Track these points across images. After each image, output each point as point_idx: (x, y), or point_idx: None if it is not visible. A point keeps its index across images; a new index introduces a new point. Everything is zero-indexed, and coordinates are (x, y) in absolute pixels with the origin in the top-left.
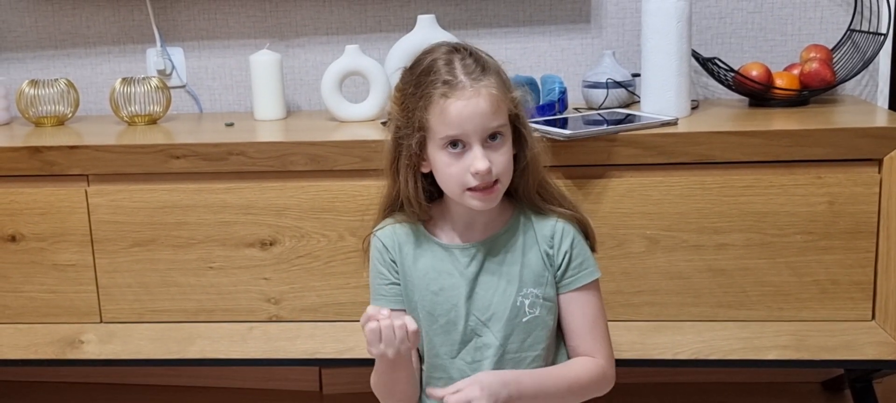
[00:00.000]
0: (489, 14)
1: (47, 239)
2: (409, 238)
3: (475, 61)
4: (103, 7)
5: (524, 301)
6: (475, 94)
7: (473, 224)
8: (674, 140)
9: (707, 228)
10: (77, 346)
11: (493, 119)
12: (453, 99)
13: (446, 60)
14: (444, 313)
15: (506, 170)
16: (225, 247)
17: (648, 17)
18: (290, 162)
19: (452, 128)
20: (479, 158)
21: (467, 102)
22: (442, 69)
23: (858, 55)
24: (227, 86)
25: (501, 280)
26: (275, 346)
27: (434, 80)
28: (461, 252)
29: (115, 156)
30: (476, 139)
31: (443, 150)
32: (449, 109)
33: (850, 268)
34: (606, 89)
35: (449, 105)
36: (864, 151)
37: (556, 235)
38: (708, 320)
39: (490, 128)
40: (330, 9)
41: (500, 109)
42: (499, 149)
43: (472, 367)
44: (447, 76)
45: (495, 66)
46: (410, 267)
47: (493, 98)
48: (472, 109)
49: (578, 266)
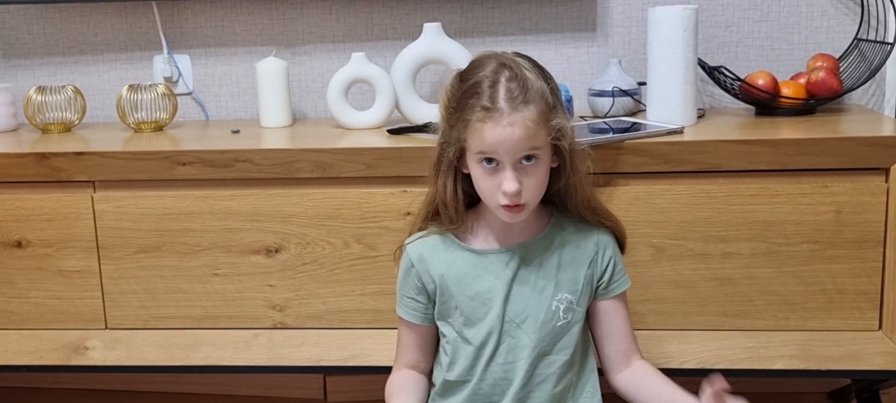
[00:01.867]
0: (495, 22)
1: (53, 246)
2: (438, 249)
3: (520, 86)
4: (111, 14)
5: (559, 306)
6: (511, 124)
7: (511, 228)
8: (680, 148)
9: (713, 237)
10: (82, 352)
11: (526, 144)
12: (490, 124)
13: (491, 81)
14: (480, 316)
15: (535, 192)
16: (230, 254)
17: (654, 25)
18: (296, 169)
19: (485, 147)
20: (509, 181)
21: (503, 130)
22: (485, 92)
23: (865, 64)
24: (233, 94)
25: (537, 284)
26: (279, 353)
27: (474, 105)
28: (496, 256)
29: (122, 162)
30: (508, 161)
31: (478, 164)
32: (485, 134)
33: (857, 278)
34: (612, 97)
35: (486, 130)
36: (871, 160)
37: (600, 245)
38: (714, 329)
39: (523, 152)
40: (336, 17)
41: (536, 135)
42: (532, 172)
43: (504, 368)
44: (487, 102)
45: (540, 91)
46: (443, 276)
47: (528, 128)
48: (506, 136)
49: (619, 272)
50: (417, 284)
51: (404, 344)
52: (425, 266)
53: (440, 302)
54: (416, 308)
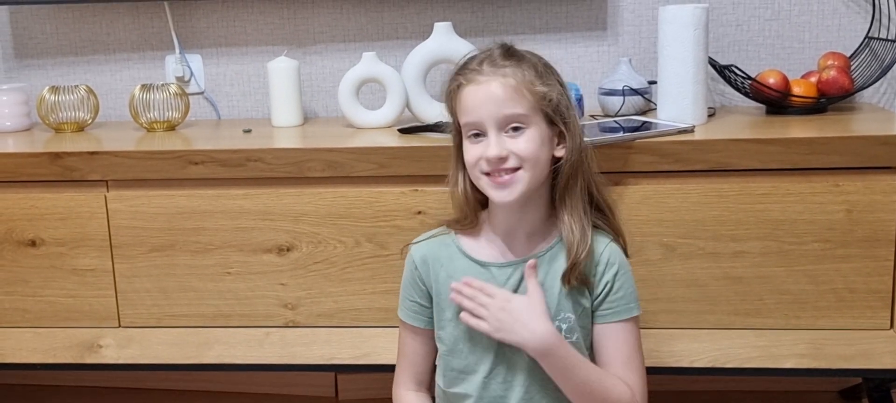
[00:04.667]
0: (505, 21)
1: (67, 244)
2: (442, 255)
3: (505, 53)
4: (123, 14)
5: (561, 325)
6: (487, 81)
7: (515, 234)
8: (690, 147)
9: (724, 236)
10: (95, 351)
11: (506, 105)
12: (470, 86)
13: (479, 56)
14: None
15: (529, 157)
16: (242, 253)
17: (665, 24)
18: (308, 168)
19: (468, 114)
20: (492, 145)
21: (478, 88)
22: (467, 62)
23: (877, 63)
24: (244, 93)
25: None
26: (291, 352)
27: (458, 71)
28: (498, 269)
29: (135, 162)
30: (491, 125)
31: (467, 139)
32: (463, 96)
33: (869, 277)
34: (623, 96)
35: (464, 93)
36: (883, 159)
37: (602, 264)
38: (725, 328)
39: (505, 115)
40: (347, 16)
41: (516, 97)
42: (519, 137)
43: (503, 386)
44: (471, 66)
45: (530, 60)
46: (443, 286)
47: (507, 85)
48: (482, 95)
49: (618, 299)
50: (421, 288)
51: (407, 352)
52: (427, 270)
53: (436, 311)
54: (419, 311)
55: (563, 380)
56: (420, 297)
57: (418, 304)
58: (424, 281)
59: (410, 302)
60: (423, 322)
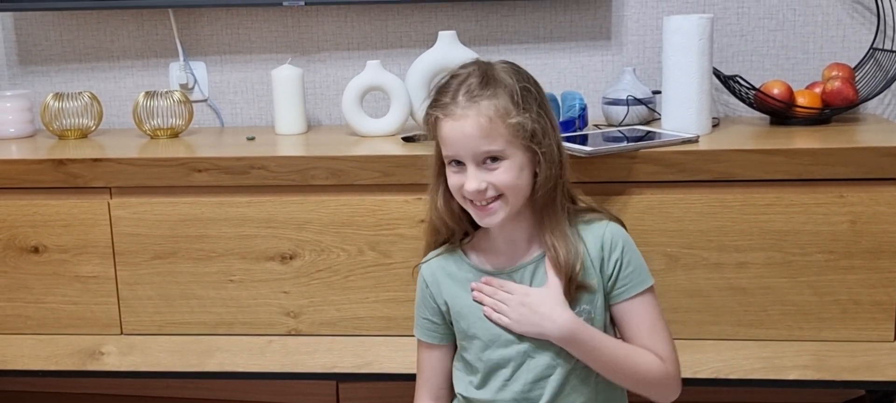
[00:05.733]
0: (510, 30)
1: (70, 251)
2: (453, 270)
3: (481, 81)
4: (127, 21)
5: (581, 316)
6: (463, 118)
7: (515, 241)
8: (694, 157)
9: (727, 246)
10: (97, 358)
11: (483, 142)
12: (448, 120)
13: (455, 84)
14: (496, 336)
15: (509, 186)
16: (245, 261)
17: (669, 34)
18: (311, 176)
19: (447, 147)
20: (470, 178)
21: (455, 124)
22: (451, 89)
23: (881, 74)
24: (248, 101)
25: None
26: (293, 360)
27: (434, 102)
28: (508, 276)
29: (138, 169)
30: (470, 160)
31: (448, 166)
32: (443, 130)
33: (873, 288)
34: (627, 106)
35: (444, 126)
36: (887, 171)
37: (606, 243)
38: (728, 339)
39: (482, 152)
40: (351, 24)
41: (492, 134)
42: (497, 169)
43: (529, 386)
44: (447, 97)
45: (506, 87)
46: (457, 298)
47: (481, 123)
48: (458, 132)
49: (630, 275)
50: (433, 305)
51: (425, 369)
52: (438, 287)
53: (456, 319)
54: (434, 329)
55: (592, 361)
56: (432, 314)
57: (431, 321)
58: (435, 298)
59: (424, 319)
60: (438, 338)
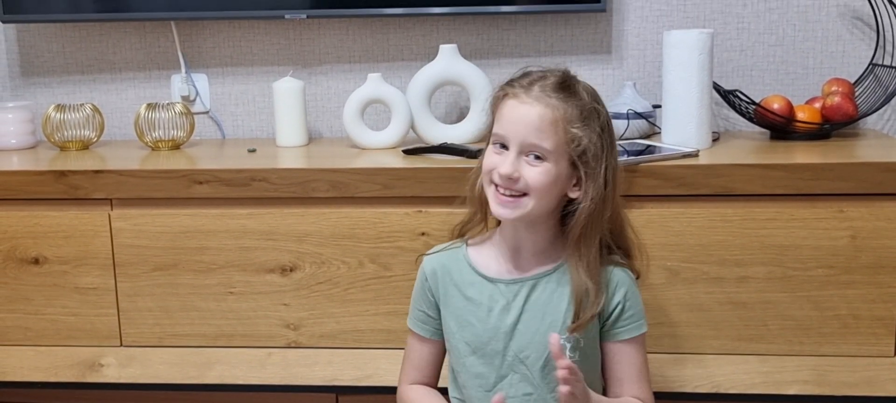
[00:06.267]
0: (511, 44)
1: (70, 263)
2: (453, 269)
3: (560, 86)
4: (130, 33)
5: (566, 344)
6: (528, 104)
7: (521, 251)
8: (695, 172)
9: (728, 260)
10: (97, 369)
11: (535, 135)
12: (512, 100)
13: (540, 74)
14: (482, 344)
15: (539, 188)
16: (245, 273)
17: (670, 48)
18: (312, 188)
19: (500, 124)
20: (506, 162)
21: (518, 106)
22: (530, 77)
23: (881, 89)
24: (250, 113)
25: (545, 320)
26: (293, 372)
27: (512, 81)
28: (506, 286)
29: (139, 180)
30: (514, 146)
31: (491, 146)
32: (504, 106)
33: (873, 303)
34: (627, 120)
35: (505, 105)
36: (887, 186)
37: (611, 284)
38: (728, 353)
39: (530, 144)
40: (353, 37)
41: (548, 132)
42: (536, 166)
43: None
44: (523, 82)
45: (579, 100)
46: (452, 298)
47: (544, 116)
48: (518, 115)
49: (629, 318)
50: (429, 299)
51: (411, 356)
52: (436, 281)
53: (445, 320)
54: (428, 321)
55: None
56: (428, 307)
57: (426, 314)
58: (433, 293)
59: (419, 311)
60: (430, 332)
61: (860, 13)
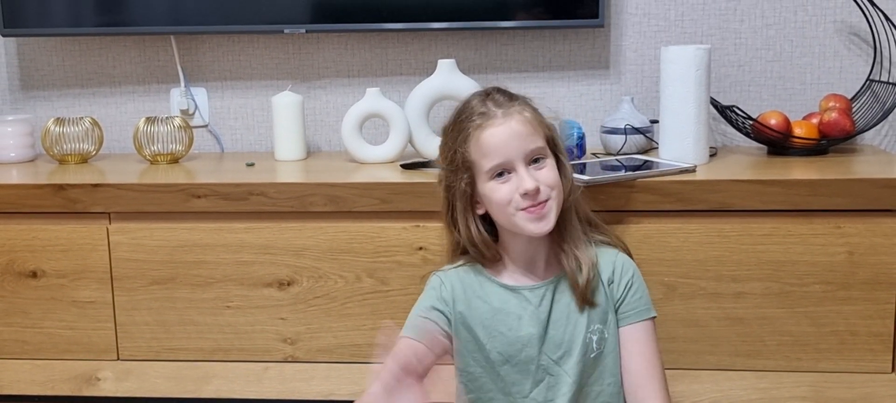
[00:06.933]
0: (509, 58)
1: (68, 276)
2: (472, 284)
3: (504, 95)
4: (129, 47)
5: (592, 337)
6: (505, 118)
7: (535, 262)
8: (692, 187)
9: (725, 276)
10: (94, 383)
11: (530, 140)
12: (489, 128)
13: (480, 100)
14: (516, 352)
15: (555, 185)
16: (243, 287)
17: (667, 64)
18: (310, 202)
19: (495, 156)
20: (526, 178)
21: (498, 128)
22: (476, 107)
23: (878, 105)
24: (248, 127)
25: (571, 317)
26: (290, 387)
27: (469, 116)
28: (530, 291)
29: (137, 194)
30: (519, 162)
31: (491, 181)
32: (486, 139)
33: (870, 320)
34: (625, 135)
35: (484, 134)
36: (884, 202)
37: (617, 268)
38: (725, 369)
39: (529, 150)
40: (352, 52)
41: (535, 132)
42: (542, 168)
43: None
44: (480, 110)
45: (524, 98)
46: (477, 310)
47: (525, 120)
48: (507, 133)
49: (637, 301)
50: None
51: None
52: (454, 293)
53: (466, 340)
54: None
55: None
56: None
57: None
58: (449, 302)
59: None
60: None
61: (857, 29)
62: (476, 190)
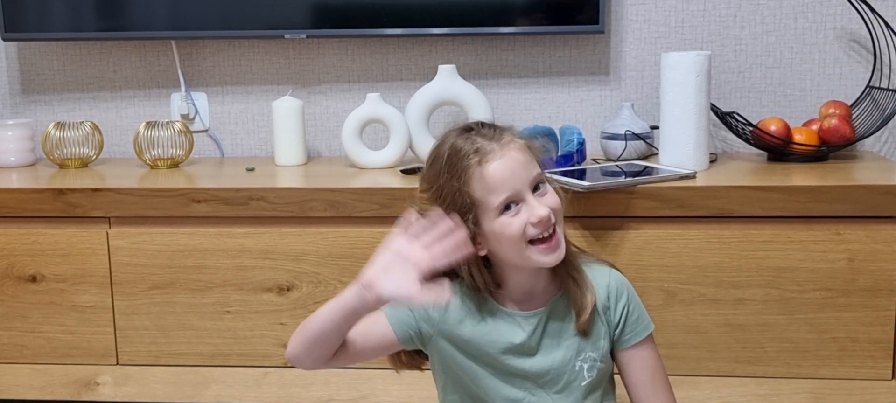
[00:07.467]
0: (509, 64)
1: (67, 280)
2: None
3: (488, 127)
4: (130, 52)
5: (583, 365)
6: (505, 149)
7: (533, 292)
8: (692, 193)
9: (725, 282)
10: (93, 388)
11: (531, 167)
12: (490, 162)
13: (464, 138)
14: (508, 369)
15: (560, 210)
16: (242, 292)
17: (667, 70)
18: (310, 208)
19: (503, 189)
20: (537, 206)
21: (501, 161)
22: (465, 146)
23: (878, 112)
24: (249, 132)
25: (561, 344)
26: (289, 392)
27: (463, 155)
28: (525, 319)
29: (137, 199)
30: (527, 189)
31: (499, 216)
32: (491, 173)
33: (870, 326)
34: (625, 141)
35: (488, 169)
36: (884, 208)
37: (612, 292)
38: (725, 375)
39: (533, 177)
40: (352, 57)
41: (531, 159)
42: (545, 193)
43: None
44: (473, 147)
45: (510, 127)
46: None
47: (521, 147)
48: (510, 163)
49: (635, 322)
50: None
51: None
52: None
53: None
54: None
55: None
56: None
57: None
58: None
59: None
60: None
61: (857, 36)
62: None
